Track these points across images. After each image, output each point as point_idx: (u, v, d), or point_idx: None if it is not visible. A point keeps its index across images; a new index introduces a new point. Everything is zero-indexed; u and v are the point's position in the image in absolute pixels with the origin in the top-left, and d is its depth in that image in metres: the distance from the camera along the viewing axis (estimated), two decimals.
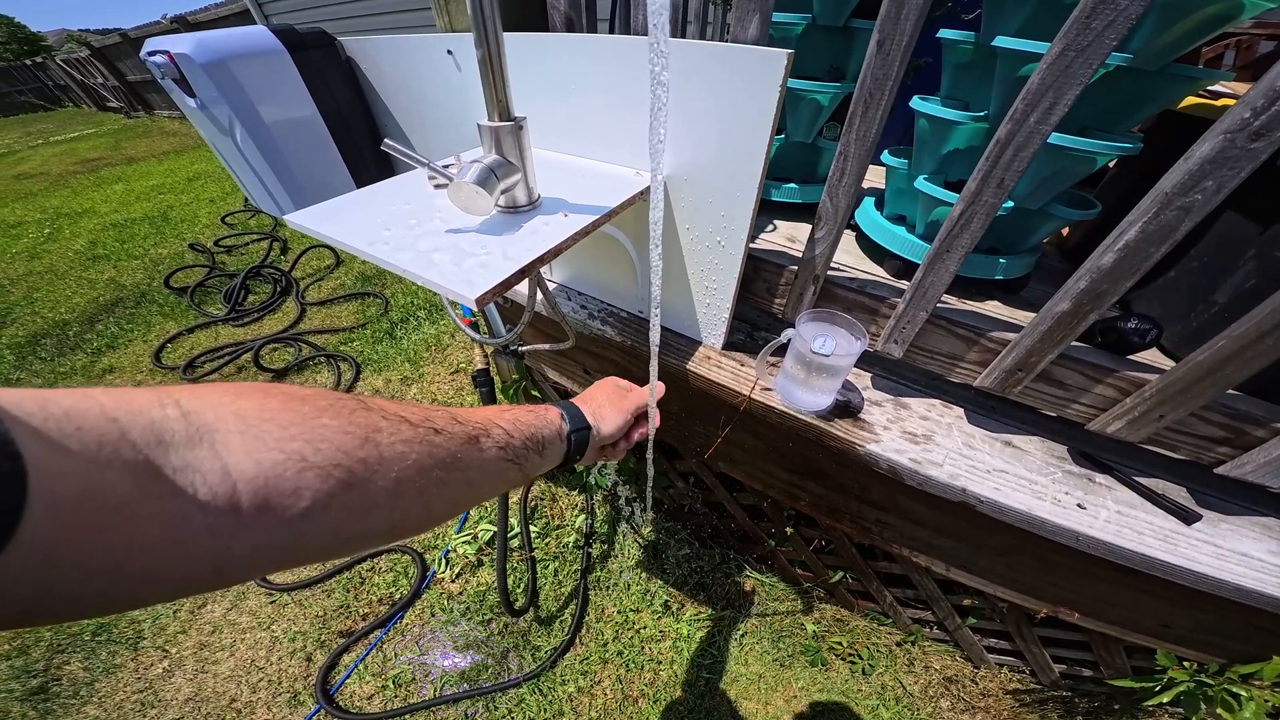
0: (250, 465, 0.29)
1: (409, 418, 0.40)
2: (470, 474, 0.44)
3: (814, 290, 0.92)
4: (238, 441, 0.29)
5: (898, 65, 0.61)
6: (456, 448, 0.43)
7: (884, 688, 1.41)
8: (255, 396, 0.32)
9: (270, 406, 0.31)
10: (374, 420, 0.37)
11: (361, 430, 0.35)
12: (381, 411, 0.38)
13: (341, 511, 0.33)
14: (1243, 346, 0.61)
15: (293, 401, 0.33)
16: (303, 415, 0.32)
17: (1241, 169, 0.52)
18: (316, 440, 0.32)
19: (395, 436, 0.37)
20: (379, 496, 0.35)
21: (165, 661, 1.55)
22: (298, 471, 0.30)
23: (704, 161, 0.78)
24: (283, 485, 0.30)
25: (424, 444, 0.39)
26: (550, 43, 0.81)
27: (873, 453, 0.89)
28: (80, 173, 6.79)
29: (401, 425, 0.38)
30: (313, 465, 0.31)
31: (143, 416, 0.26)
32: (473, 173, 0.60)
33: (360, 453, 0.34)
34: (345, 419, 0.35)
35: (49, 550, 0.21)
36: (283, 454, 0.30)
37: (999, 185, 0.65)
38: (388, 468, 0.36)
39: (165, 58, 0.88)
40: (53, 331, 3.13)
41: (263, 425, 0.30)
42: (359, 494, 0.34)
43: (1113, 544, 0.78)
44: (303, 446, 0.31)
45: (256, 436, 0.29)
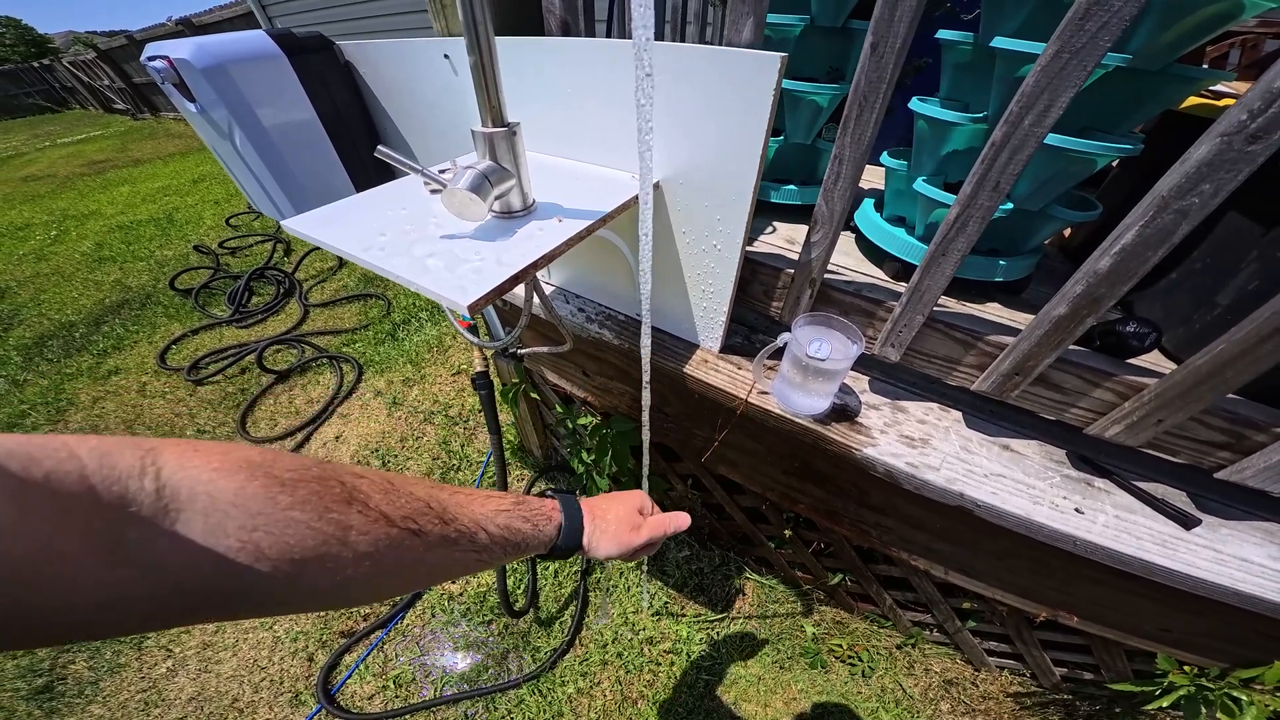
0: (202, 548, 0.30)
1: (391, 515, 0.40)
2: (433, 569, 0.45)
3: (811, 293, 0.92)
4: (200, 524, 0.30)
5: (892, 67, 0.61)
6: (429, 549, 0.43)
7: (884, 690, 1.41)
8: (237, 476, 0.33)
9: (247, 492, 0.32)
10: (350, 519, 0.37)
11: (332, 528, 0.36)
12: (364, 506, 0.39)
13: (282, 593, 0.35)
14: (1243, 350, 0.60)
15: (272, 488, 0.34)
16: (276, 505, 0.33)
17: (1239, 172, 0.51)
18: (279, 533, 0.33)
19: (365, 536, 0.38)
20: (326, 587, 0.37)
21: (169, 661, 1.57)
22: (251, 560, 0.32)
23: (699, 165, 0.78)
24: (231, 569, 0.31)
25: (394, 548, 0.40)
26: (545, 47, 0.81)
27: (869, 456, 0.89)
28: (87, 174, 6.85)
29: (378, 525, 0.39)
30: (266, 557, 0.32)
31: (119, 485, 0.28)
32: (466, 179, 0.60)
33: (321, 549, 0.35)
34: (319, 513, 0.35)
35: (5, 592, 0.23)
36: (239, 543, 0.31)
37: (994, 188, 0.64)
38: (344, 565, 0.37)
39: (165, 63, 0.89)
40: (59, 333, 3.16)
41: (230, 511, 0.31)
42: (308, 583, 0.35)
43: (1111, 549, 0.77)
44: (262, 538, 0.32)
45: (219, 523, 0.31)
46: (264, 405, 2.50)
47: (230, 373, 2.71)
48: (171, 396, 2.59)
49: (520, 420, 1.89)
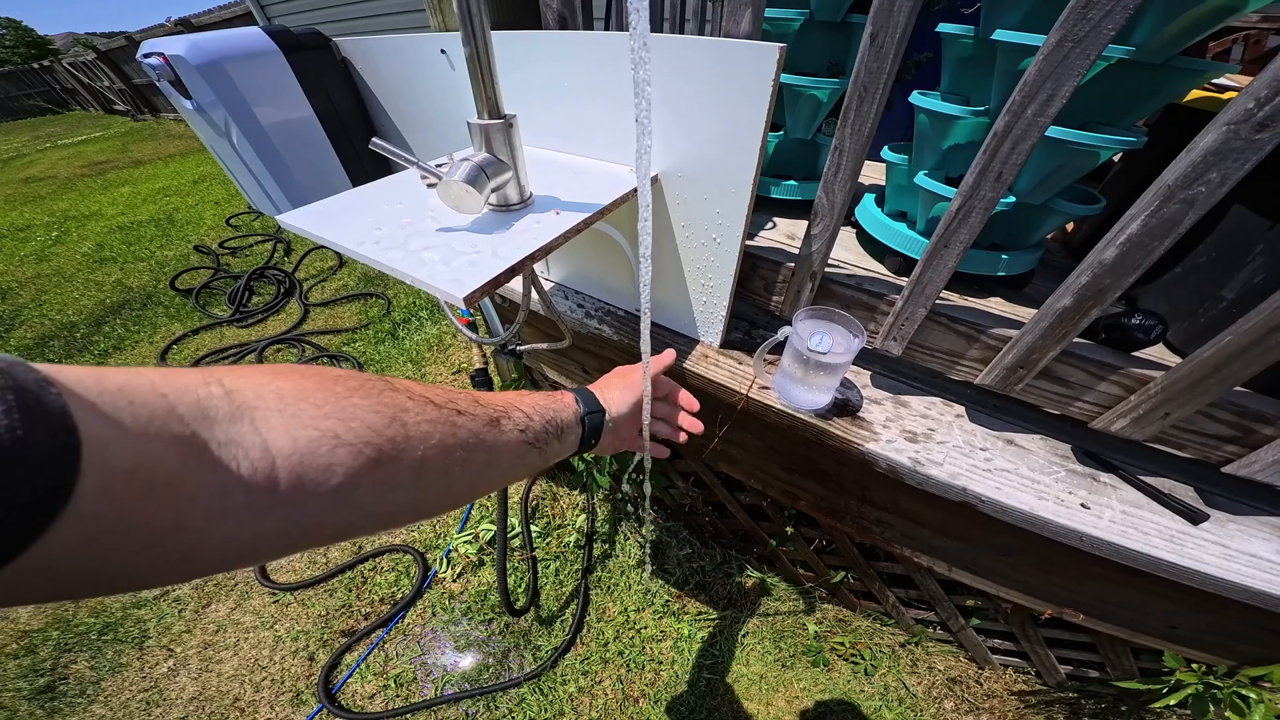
0: (288, 442, 0.30)
1: (433, 399, 0.41)
2: (491, 455, 0.45)
3: (811, 287, 0.91)
4: (277, 419, 0.30)
5: (891, 58, 0.60)
6: (479, 428, 0.44)
7: (887, 689, 1.40)
8: (292, 377, 0.33)
9: (306, 387, 0.33)
10: (400, 400, 0.38)
11: (389, 410, 0.36)
12: (407, 392, 0.39)
13: (370, 488, 0.34)
14: (1251, 342, 0.59)
15: (326, 381, 0.35)
16: (335, 395, 0.34)
17: (1246, 161, 0.50)
18: (348, 419, 0.33)
19: (420, 416, 0.38)
20: (405, 475, 0.36)
21: (170, 660, 1.56)
22: (331, 448, 0.32)
23: (698, 158, 0.77)
24: (317, 461, 0.31)
25: (448, 424, 0.40)
26: (542, 40, 0.81)
27: (871, 452, 0.88)
28: (88, 175, 6.86)
29: (426, 406, 0.40)
30: (345, 442, 0.32)
31: (190, 393, 0.27)
32: (462, 171, 0.60)
33: (389, 431, 0.35)
34: (374, 399, 0.36)
35: (101, 520, 0.21)
36: (317, 431, 0.31)
37: (997, 179, 0.64)
38: (414, 446, 0.37)
39: (160, 59, 0.88)
40: (60, 333, 3.16)
41: (299, 404, 0.31)
42: (387, 471, 0.35)
43: (1118, 544, 0.76)
44: (336, 425, 0.32)
45: (294, 415, 0.31)
46: None
47: None
48: None
49: None
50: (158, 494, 0.24)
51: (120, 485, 0.22)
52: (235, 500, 0.27)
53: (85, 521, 0.20)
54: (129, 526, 0.23)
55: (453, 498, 0.43)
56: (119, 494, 0.22)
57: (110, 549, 0.22)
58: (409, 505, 0.39)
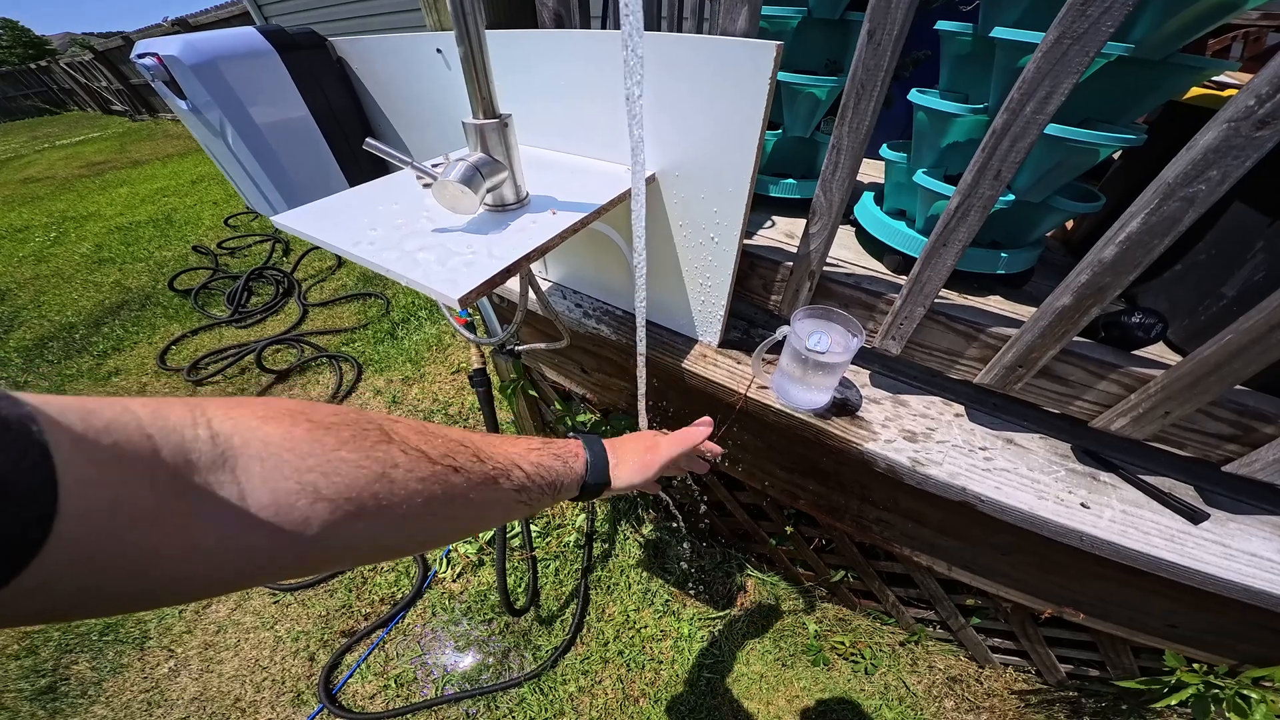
0: (265, 493, 0.30)
1: (430, 453, 0.41)
2: (480, 510, 0.46)
3: (810, 286, 0.91)
4: (257, 468, 0.30)
5: (889, 56, 0.60)
6: (471, 488, 0.44)
7: (887, 687, 1.40)
8: (282, 423, 0.33)
9: (294, 436, 0.33)
10: (393, 455, 0.38)
11: (378, 466, 0.36)
12: (403, 445, 0.39)
13: (347, 538, 0.35)
14: (1251, 340, 0.59)
15: (316, 431, 0.34)
16: (323, 447, 0.34)
17: (1247, 158, 0.50)
18: (331, 474, 0.33)
19: (411, 474, 0.38)
20: (384, 527, 0.37)
21: (171, 661, 1.57)
22: (310, 502, 0.32)
23: (695, 157, 0.77)
24: (293, 514, 0.31)
25: (439, 483, 0.41)
26: (538, 39, 0.80)
27: (871, 451, 0.88)
28: (86, 176, 6.85)
29: (420, 462, 0.40)
30: (324, 497, 0.33)
31: (175, 434, 0.28)
32: (457, 171, 0.59)
33: (374, 487, 0.36)
34: (364, 452, 0.36)
35: (81, 551, 0.22)
36: (298, 484, 0.32)
37: (996, 177, 0.63)
38: (398, 503, 0.37)
39: (154, 60, 0.88)
40: (59, 334, 3.16)
41: (283, 454, 0.32)
42: (366, 524, 0.35)
43: (1118, 544, 0.76)
44: (318, 479, 0.33)
45: (275, 466, 0.31)
46: None
47: (230, 373, 2.71)
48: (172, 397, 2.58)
49: (519, 417, 1.89)
50: (132, 533, 0.24)
51: (97, 523, 0.23)
52: (208, 543, 0.28)
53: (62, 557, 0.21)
54: (105, 562, 0.24)
55: (434, 543, 0.45)
56: (96, 531, 0.23)
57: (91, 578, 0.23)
58: (386, 551, 0.40)
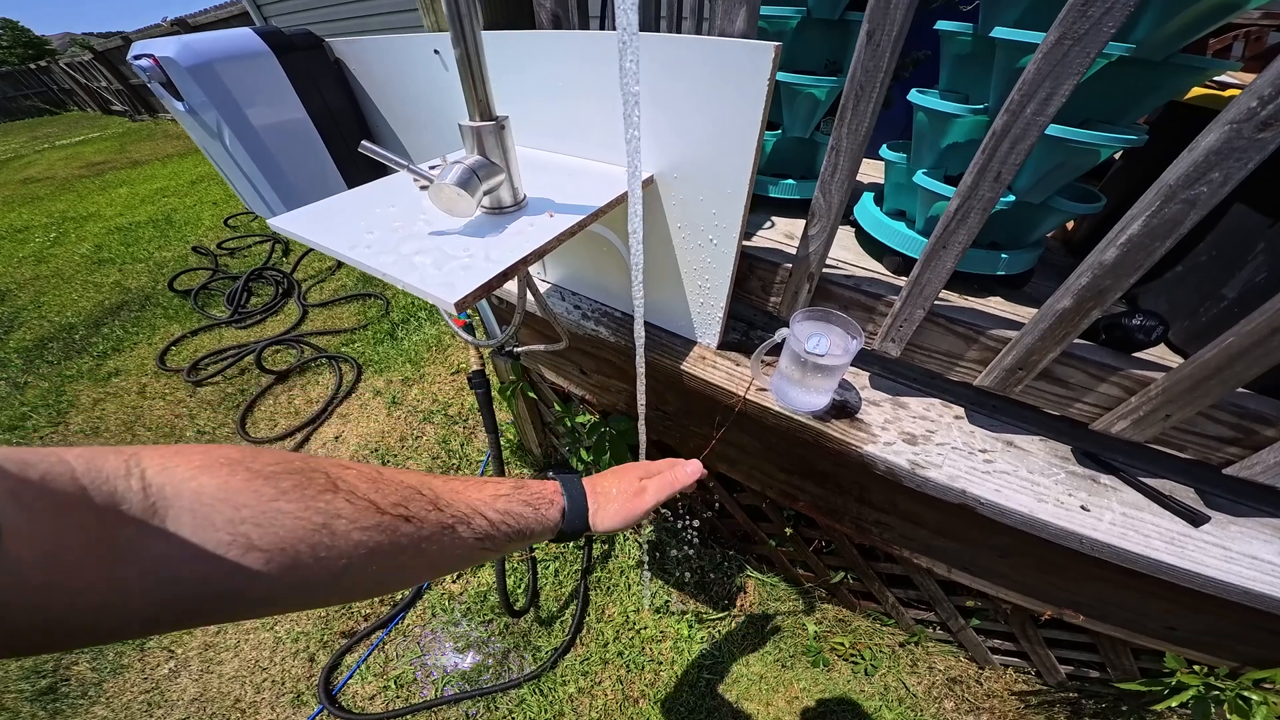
0: (195, 544, 0.30)
1: (379, 503, 0.40)
2: (435, 559, 0.44)
3: (809, 288, 0.90)
4: (188, 520, 0.30)
5: (889, 56, 0.59)
6: (426, 536, 0.42)
7: (887, 688, 1.40)
8: (219, 473, 0.33)
9: (231, 486, 0.33)
10: (337, 505, 0.37)
11: (320, 517, 0.36)
12: (350, 494, 0.38)
13: (280, 589, 0.34)
14: (1253, 343, 0.59)
15: (255, 481, 0.34)
16: (260, 497, 0.34)
17: (1249, 160, 0.49)
18: (267, 525, 0.33)
19: (355, 524, 0.38)
20: (322, 578, 0.36)
21: (171, 662, 1.57)
22: (241, 553, 0.32)
23: (693, 158, 0.76)
24: (223, 565, 0.31)
25: (387, 533, 0.39)
26: (535, 40, 0.80)
27: (870, 454, 0.88)
28: (86, 176, 6.85)
29: (367, 513, 0.39)
30: (257, 548, 0.32)
31: (107, 485, 0.28)
32: (453, 174, 0.59)
33: (312, 539, 0.35)
34: (305, 502, 0.35)
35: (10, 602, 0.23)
36: (229, 536, 0.31)
37: (996, 179, 0.63)
38: (338, 555, 0.36)
39: (151, 61, 0.87)
40: (59, 335, 3.16)
41: (216, 505, 0.32)
42: (302, 575, 0.35)
43: (1118, 547, 0.76)
44: (251, 530, 0.32)
45: (206, 517, 0.31)
46: (263, 406, 2.50)
47: (230, 373, 2.71)
48: (171, 398, 2.59)
49: (519, 419, 1.89)
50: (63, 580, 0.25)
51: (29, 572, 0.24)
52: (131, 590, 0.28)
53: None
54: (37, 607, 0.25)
55: (383, 590, 0.44)
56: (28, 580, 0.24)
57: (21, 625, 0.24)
58: (322, 601, 0.39)
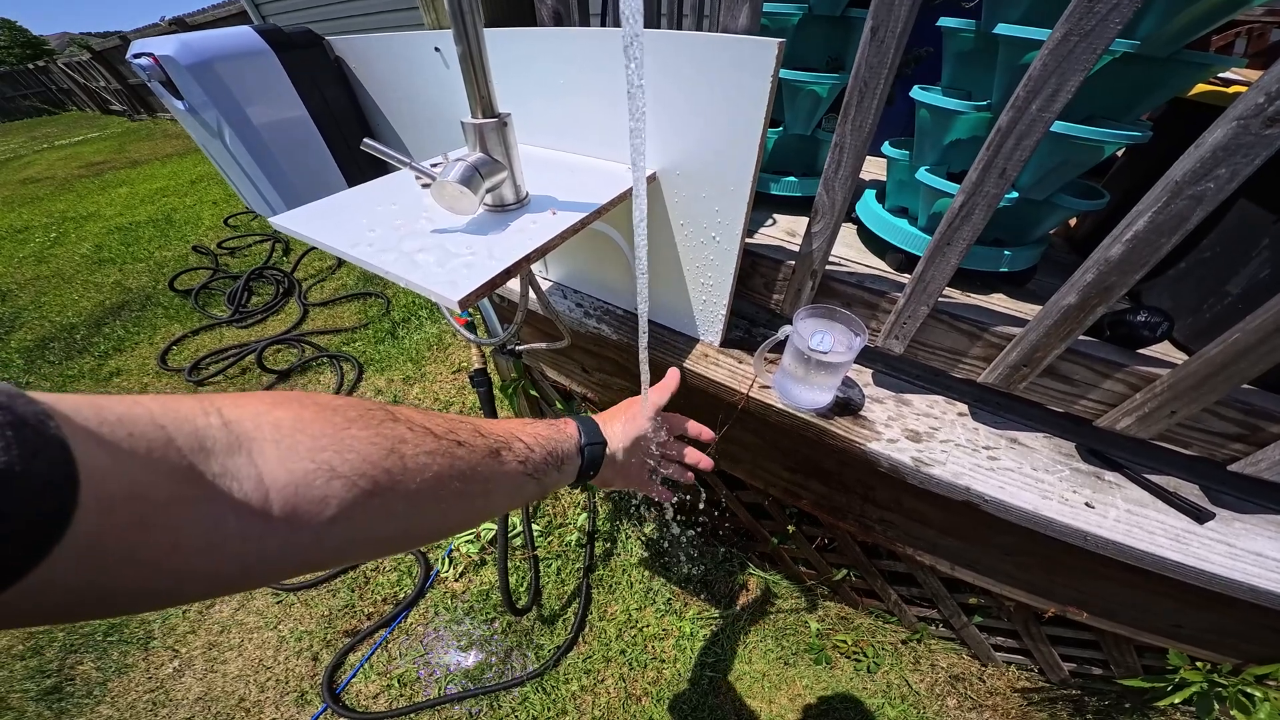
0: (283, 473, 0.30)
1: (434, 429, 0.41)
2: (489, 486, 0.45)
3: (812, 285, 0.90)
4: (272, 450, 0.30)
5: (893, 53, 0.59)
6: (478, 460, 0.44)
7: (889, 686, 1.40)
8: (291, 407, 0.33)
9: (304, 417, 0.33)
10: (400, 431, 0.38)
11: (388, 441, 0.37)
12: (408, 422, 0.40)
13: (365, 518, 0.35)
14: (1259, 339, 0.59)
15: (325, 412, 0.35)
16: (334, 426, 0.34)
17: (1256, 156, 0.49)
18: (345, 450, 0.34)
19: (419, 448, 0.39)
20: (400, 505, 0.37)
21: (175, 661, 1.57)
22: (326, 480, 0.32)
23: (696, 155, 0.76)
24: (312, 493, 0.31)
25: (446, 456, 0.41)
26: (537, 37, 0.79)
27: (874, 451, 0.87)
28: (85, 176, 6.84)
29: (426, 437, 0.40)
30: (340, 475, 0.33)
31: (188, 424, 0.27)
32: (456, 171, 0.59)
33: (385, 463, 0.36)
34: (373, 430, 0.36)
35: (99, 544, 0.22)
36: (313, 463, 0.32)
37: (1001, 175, 0.63)
38: (410, 478, 0.37)
39: (150, 60, 0.87)
40: (60, 335, 3.16)
41: (296, 435, 0.32)
42: (382, 502, 0.35)
43: (1122, 544, 0.76)
44: (332, 456, 0.33)
45: (290, 446, 0.31)
46: None
47: (231, 373, 2.71)
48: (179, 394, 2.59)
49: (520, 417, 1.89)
50: (153, 521, 0.24)
51: (118, 513, 0.23)
52: (229, 529, 0.28)
53: (84, 547, 0.21)
54: (126, 552, 0.24)
55: (449, 526, 0.44)
56: (116, 521, 0.23)
57: (108, 572, 0.23)
58: (403, 534, 0.40)
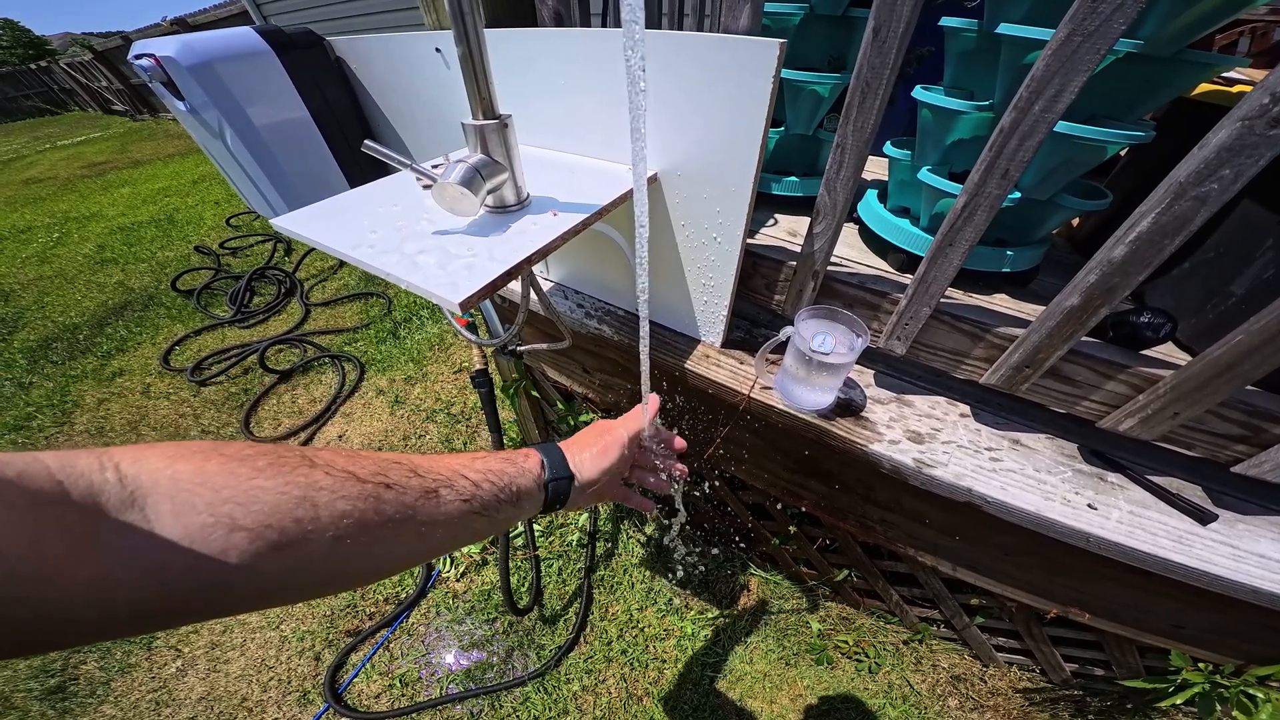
0: (178, 529, 0.30)
1: (357, 473, 0.40)
2: (424, 529, 0.43)
3: (814, 286, 0.90)
4: (167, 506, 0.30)
5: (895, 53, 0.59)
6: (411, 502, 0.42)
7: (891, 686, 1.40)
8: (194, 459, 0.33)
9: (207, 470, 0.33)
10: (315, 478, 0.37)
11: (299, 490, 0.36)
12: (327, 468, 0.38)
13: (272, 569, 0.34)
14: (1263, 340, 0.58)
15: (230, 463, 0.34)
16: (238, 478, 0.33)
17: (1260, 156, 0.49)
18: (249, 503, 0.33)
19: (336, 494, 0.37)
20: (316, 553, 0.36)
21: (178, 661, 1.57)
22: (226, 533, 0.31)
23: (697, 156, 0.76)
24: (209, 547, 0.31)
25: (370, 500, 0.39)
26: (538, 38, 0.79)
27: (875, 452, 0.87)
28: (87, 176, 6.86)
29: (347, 483, 0.39)
30: (242, 527, 0.32)
31: (83, 479, 0.28)
32: (457, 173, 0.59)
33: (296, 513, 0.35)
34: (283, 479, 0.35)
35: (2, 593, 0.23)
36: (212, 518, 0.31)
37: (1003, 176, 0.62)
38: (324, 527, 0.36)
39: (151, 61, 0.87)
40: (63, 335, 3.17)
41: (195, 489, 0.31)
42: (292, 553, 0.34)
43: (1125, 545, 0.75)
44: (234, 509, 0.32)
45: (187, 501, 0.31)
46: (267, 405, 2.50)
47: (233, 373, 2.72)
48: (175, 397, 2.59)
49: (521, 418, 1.89)
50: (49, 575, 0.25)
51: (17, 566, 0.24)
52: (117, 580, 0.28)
53: None
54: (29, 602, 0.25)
55: (383, 569, 0.43)
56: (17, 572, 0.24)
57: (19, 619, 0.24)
58: (331, 577, 0.39)
